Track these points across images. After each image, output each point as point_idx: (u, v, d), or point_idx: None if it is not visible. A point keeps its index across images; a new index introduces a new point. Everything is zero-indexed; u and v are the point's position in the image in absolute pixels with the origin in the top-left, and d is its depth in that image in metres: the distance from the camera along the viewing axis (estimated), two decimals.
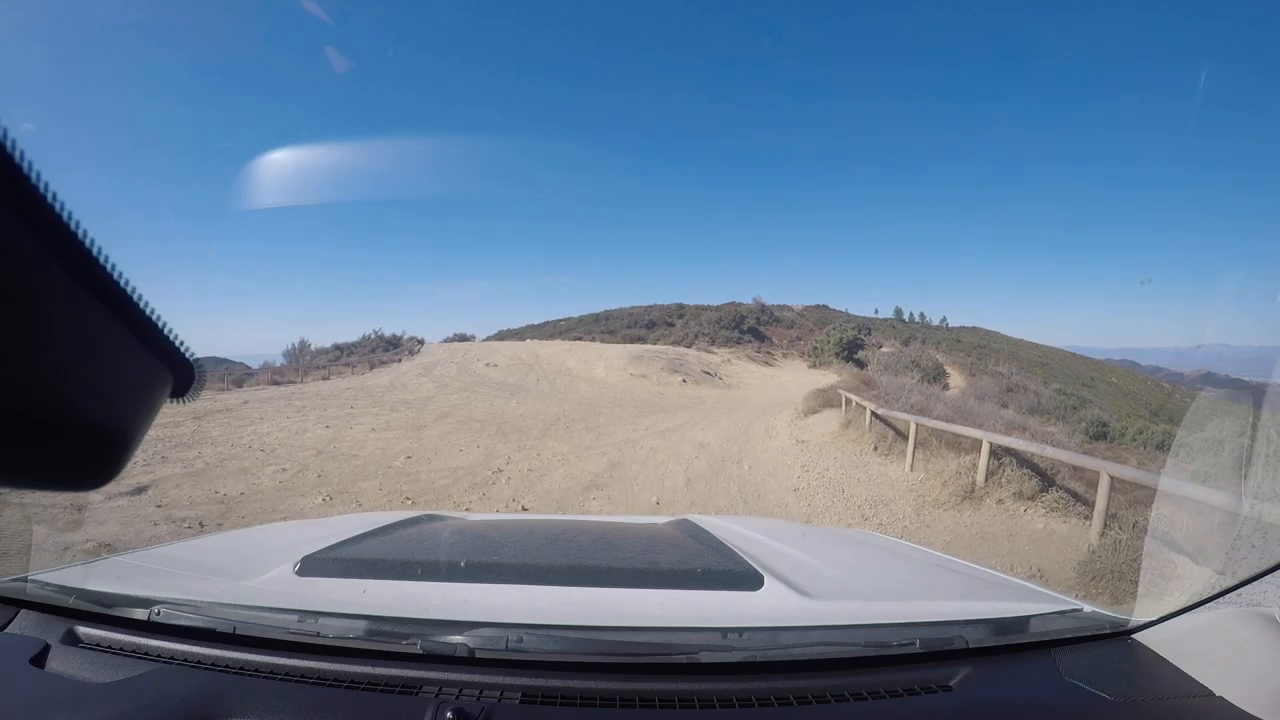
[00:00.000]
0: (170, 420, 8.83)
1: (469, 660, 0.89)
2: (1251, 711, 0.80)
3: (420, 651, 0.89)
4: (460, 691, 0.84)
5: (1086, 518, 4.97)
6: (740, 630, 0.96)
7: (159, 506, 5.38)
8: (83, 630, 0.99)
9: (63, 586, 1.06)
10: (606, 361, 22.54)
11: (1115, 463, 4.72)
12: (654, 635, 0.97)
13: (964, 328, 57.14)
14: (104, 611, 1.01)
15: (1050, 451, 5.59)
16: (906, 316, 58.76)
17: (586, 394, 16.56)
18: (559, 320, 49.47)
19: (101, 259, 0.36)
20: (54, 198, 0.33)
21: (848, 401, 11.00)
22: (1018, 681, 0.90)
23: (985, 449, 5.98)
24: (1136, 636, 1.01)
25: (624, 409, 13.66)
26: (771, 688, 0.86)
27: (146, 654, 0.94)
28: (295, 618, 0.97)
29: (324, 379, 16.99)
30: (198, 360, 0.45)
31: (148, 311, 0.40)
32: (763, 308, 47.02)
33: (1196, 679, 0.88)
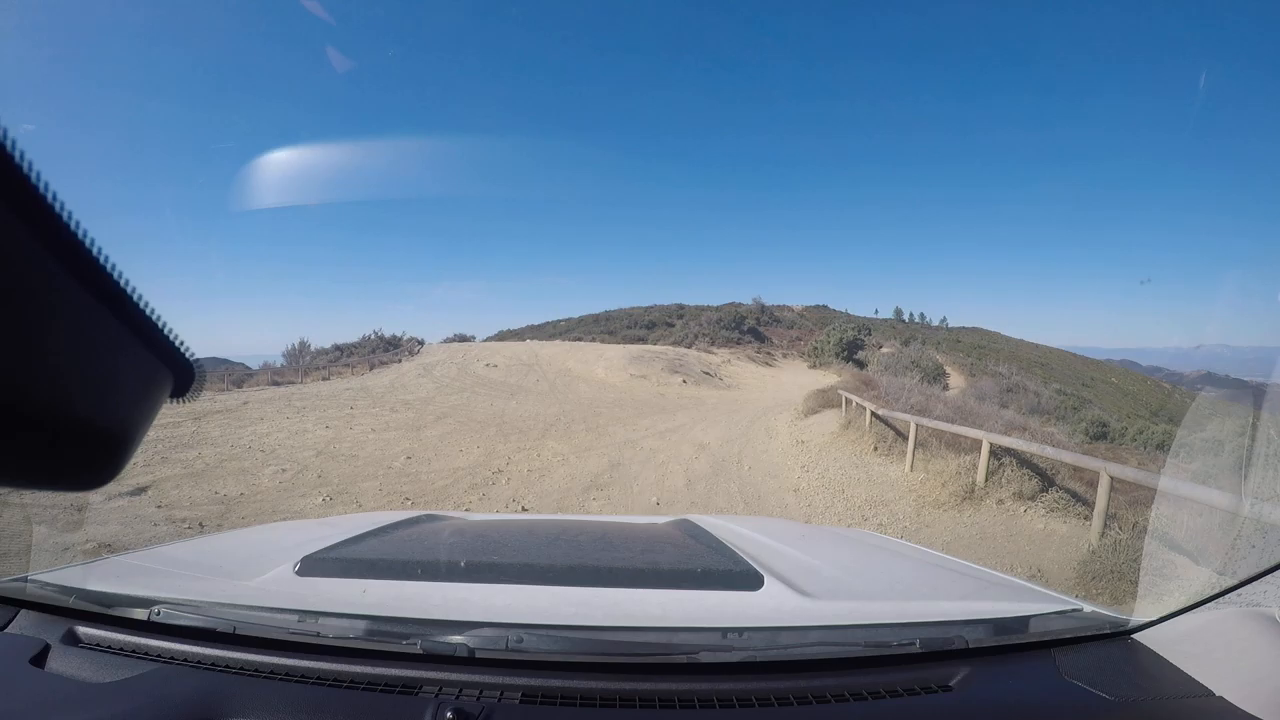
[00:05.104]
0: (170, 420, 8.83)
1: (469, 660, 0.89)
2: (1251, 711, 0.80)
3: (420, 651, 0.89)
4: (460, 691, 0.84)
5: (1086, 518, 4.96)
6: (740, 630, 0.96)
7: (159, 507, 5.38)
8: (83, 630, 0.98)
9: (63, 586, 1.06)
10: (606, 362, 22.54)
11: (1115, 463, 4.71)
12: (654, 635, 0.97)
13: (964, 328, 57.15)
14: (104, 611, 1.01)
15: (1050, 452, 5.59)
16: (906, 317, 58.77)
17: (586, 394, 16.56)
18: (559, 321, 49.51)
19: (101, 259, 0.36)
20: (54, 198, 0.33)
21: (848, 402, 10.99)
22: (1018, 681, 0.90)
23: (985, 449, 5.98)
24: (1136, 636, 1.01)
25: (624, 409, 13.66)
26: (771, 688, 0.86)
27: (147, 654, 0.94)
28: (295, 618, 0.97)
29: (324, 379, 16.98)
30: (198, 360, 0.45)
31: (148, 311, 0.40)
32: (763, 308, 47.03)
33: (1196, 679, 0.88)
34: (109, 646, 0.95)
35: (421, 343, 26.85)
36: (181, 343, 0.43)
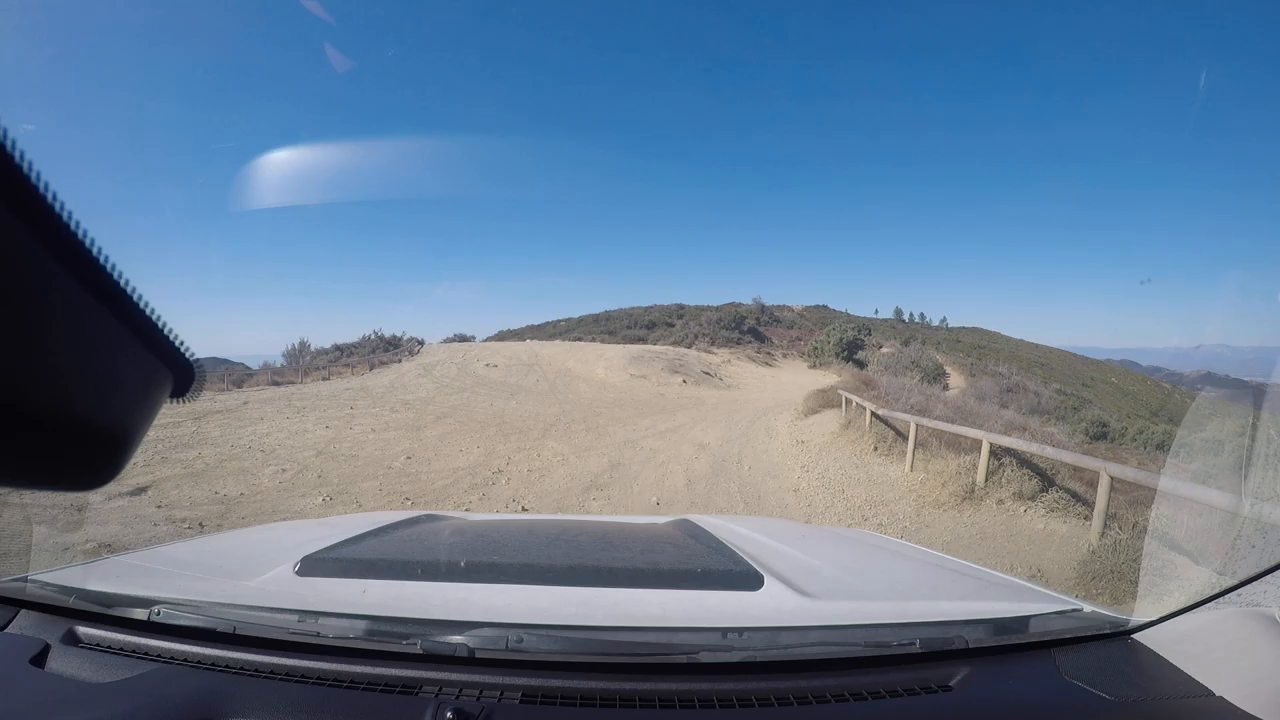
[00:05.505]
0: (170, 420, 8.83)
1: (469, 660, 0.89)
2: (1251, 711, 0.80)
3: (420, 651, 0.89)
4: (460, 691, 0.84)
5: (1086, 518, 4.96)
6: (740, 630, 0.96)
7: (159, 507, 5.38)
8: (83, 630, 0.98)
9: (63, 586, 1.05)
10: (606, 362, 22.53)
11: (1115, 463, 4.71)
12: (654, 635, 0.97)
13: (964, 328, 57.16)
14: (104, 611, 1.01)
15: (1050, 452, 5.59)
16: (906, 317, 58.77)
17: (586, 394, 16.55)
18: (559, 321, 49.52)
19: (101, 259, 0.36)
20: (54, 198, 0.33)
21: (848, 402, 10.99)
22: (1018, 681, 0.90)
23: (985, 449, 5.98)
24: (1136, 636, 1.01)
25: (624, 409, 13.66)
26: (771, 688, 0.86)
27: (147, 654, 0.94)
28: (295, 618, 0.97)
29: (324, 379, 16.98)
30: (198, 360, 0.45)
31: (148, 311, 0.40)
32: (763, 308, 47.03)
33: (1196, 679, 0.88)
34: (109, 646, 0.95)
35: (421, 343, 26.84)
36: (181, 343, 0.43)
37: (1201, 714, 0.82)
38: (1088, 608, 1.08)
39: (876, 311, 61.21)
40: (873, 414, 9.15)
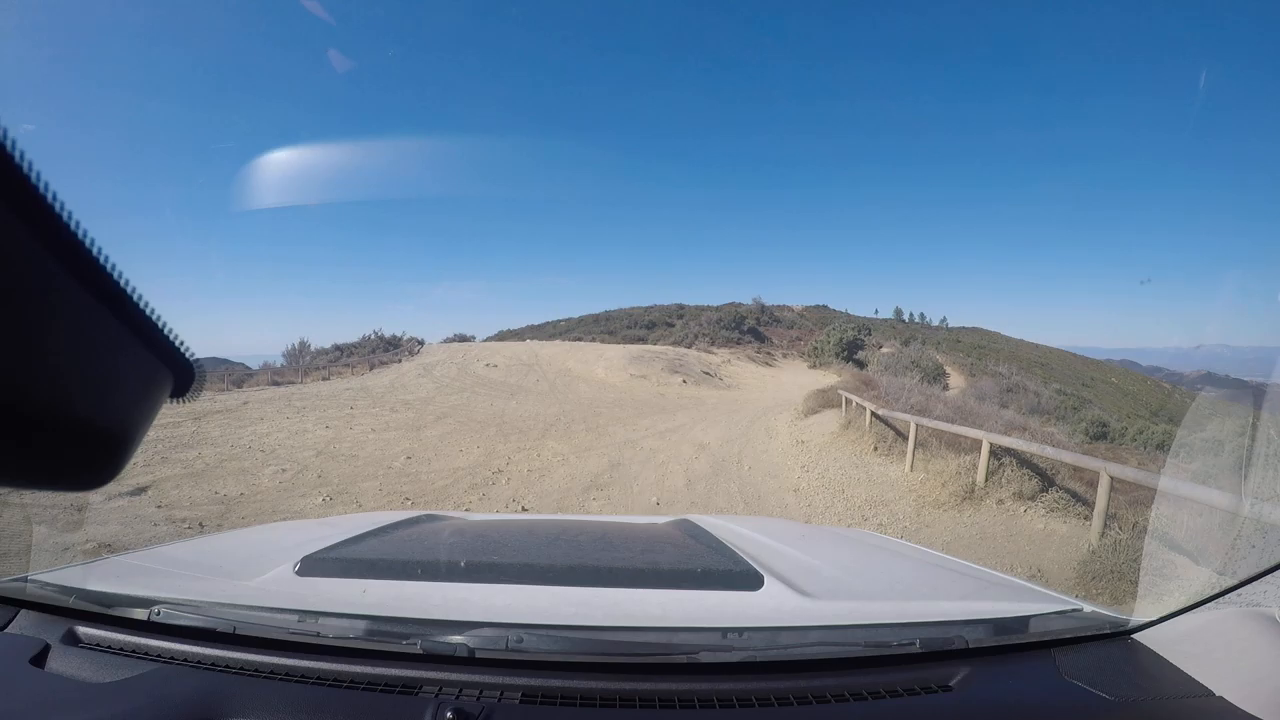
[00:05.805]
0: (170, 420, 8.83)
1: (469, 660, 0.89)
2: (1251, 711, 0.80)
3: (420, 651, 0.89)
4: (460, 691, 0.84)
5: (1086, 518, 4.96)
6: (740, 630, 0.96)
7: (159, 507, 5.38)
8: (83, 630, 0.98)
9: (63, 586, 1.05)
10: (606, 362, 22.53)
11: (1115, 463, 4.71)
12: (654, 635, 0.97)
13: (964, 328, 57.16)
14: (104, 611, 1.01)
15: (1050, 452, 5.59)
16: (906, 317, 58.77)
17: (586, 395, 16.55)
18: (559, 321, 49.52)
19: (101, 259, 0.37)
20: (54, 198, 0.33)
21: (848, 402, 10.99)
22: (1018, 681, 0.90)
23: (985, 449, 5.98)
24: (1136, 636, 1.01)
25: (624, 409, 13.66)
26: (771, 688, 0.86)
27: (147, 654, 0.94)
28: (295, 618, 0.97)
29: (324, 379, 16.98)
30: (198, 360, 0.45)
31: (148, 311, 0.40)
32: (763, 308, 47.04)
33: (1196, 679, 0.88)
34: (109, 646, 0.95)
35: (421, 343, 26.83)
36: (181, 343, 0.43)
37: (1201, 714, 0.82)
38: (1088, 608, 1.08)
39: (876, 311, 61.32)
40: (873, 414, 9.15)
